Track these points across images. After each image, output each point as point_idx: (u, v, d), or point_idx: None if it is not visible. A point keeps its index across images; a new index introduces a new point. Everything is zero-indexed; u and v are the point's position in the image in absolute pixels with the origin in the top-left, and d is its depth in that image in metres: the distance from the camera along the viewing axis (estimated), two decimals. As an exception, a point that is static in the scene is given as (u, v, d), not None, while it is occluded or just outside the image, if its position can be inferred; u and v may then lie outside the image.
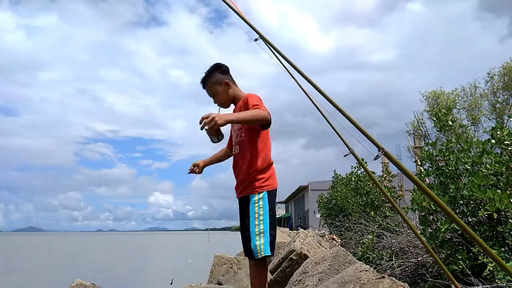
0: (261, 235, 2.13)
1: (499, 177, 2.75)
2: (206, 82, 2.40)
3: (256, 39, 1.85)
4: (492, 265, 2.43)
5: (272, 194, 2.24)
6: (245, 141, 2.28)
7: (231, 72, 2.44)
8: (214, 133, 2.10)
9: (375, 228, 5.13)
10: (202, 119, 1.92)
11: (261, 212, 2.16)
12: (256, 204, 2.17)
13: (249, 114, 2.08)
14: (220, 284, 4.48)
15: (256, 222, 2.14)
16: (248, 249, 2.15)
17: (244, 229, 2.18)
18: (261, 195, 2.19)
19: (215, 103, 2.44)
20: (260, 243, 2.10)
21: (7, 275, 11.54)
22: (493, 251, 1.46)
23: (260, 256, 2.09)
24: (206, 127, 1.92)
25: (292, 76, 2.06)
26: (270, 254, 2.13)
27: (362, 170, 8.04)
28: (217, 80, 2.37)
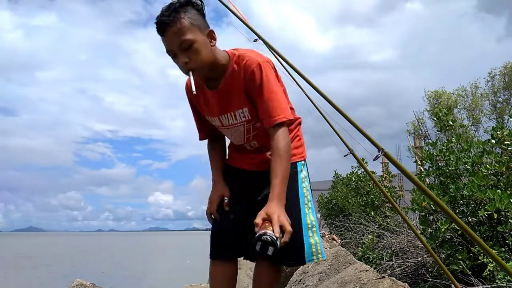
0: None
1: (499, 177, 2.75)
2: (173, 21, 1.26)
3: (255, 40, 1.85)
4: (492, 265, 2.42)
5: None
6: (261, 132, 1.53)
7: None
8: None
9: (375, 228, 5.13)
10: (264, 239, 1.10)
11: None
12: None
13: (286, 170, 1.30)
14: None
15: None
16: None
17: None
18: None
19: (180, 63, 1.32)
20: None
21: (7, 275, 11.54)
22: (493, 251, 1.46)
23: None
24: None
25: (292, 77, 2.07)
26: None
27: (363, 170, 8.04)
28: (195, 22, 1.30)
